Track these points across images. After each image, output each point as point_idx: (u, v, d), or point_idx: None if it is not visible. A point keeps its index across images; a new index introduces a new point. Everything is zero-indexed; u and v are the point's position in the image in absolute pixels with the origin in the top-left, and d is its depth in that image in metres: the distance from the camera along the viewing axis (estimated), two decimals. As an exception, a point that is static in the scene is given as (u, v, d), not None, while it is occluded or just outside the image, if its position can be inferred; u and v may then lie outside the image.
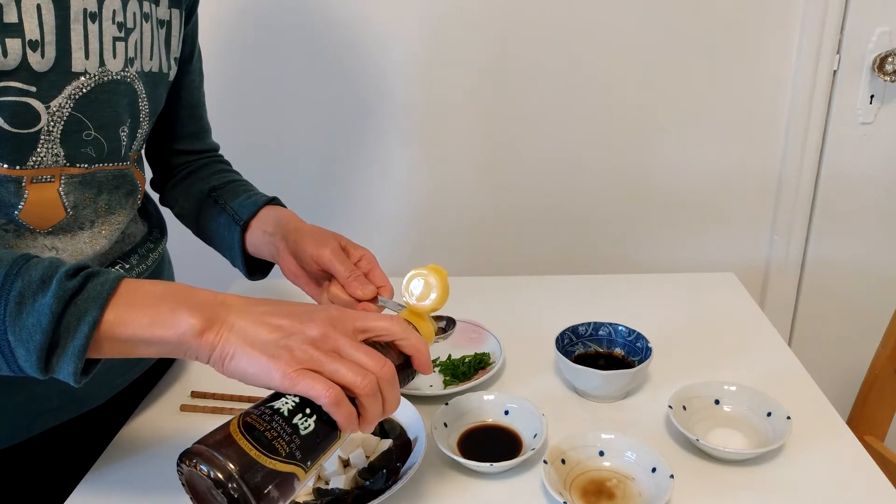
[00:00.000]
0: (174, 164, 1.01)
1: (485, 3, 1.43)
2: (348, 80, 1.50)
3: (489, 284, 1.26)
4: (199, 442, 0.54)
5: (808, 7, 1.42)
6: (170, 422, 0.92)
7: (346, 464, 0.78)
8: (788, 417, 0.81)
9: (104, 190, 0.80)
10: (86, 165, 0.75)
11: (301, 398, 0.55)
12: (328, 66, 1.49)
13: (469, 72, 1.49)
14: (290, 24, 1.45)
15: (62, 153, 0.72)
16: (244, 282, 1.03)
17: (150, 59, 0.80)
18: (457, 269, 1.71)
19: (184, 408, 0.94)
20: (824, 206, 1.59)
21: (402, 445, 0.81)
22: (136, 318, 0.56)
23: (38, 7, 0.65)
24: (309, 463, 0.55)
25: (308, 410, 0.55)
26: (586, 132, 1.54)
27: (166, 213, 1.02)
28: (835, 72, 1.48)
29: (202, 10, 0.96)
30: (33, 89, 0.66)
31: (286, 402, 0.55)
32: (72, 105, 0.70)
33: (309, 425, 0.55)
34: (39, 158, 0.70)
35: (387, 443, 0.81)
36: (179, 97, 0.95)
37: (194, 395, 0.96)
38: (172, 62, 0.86)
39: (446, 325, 0.78)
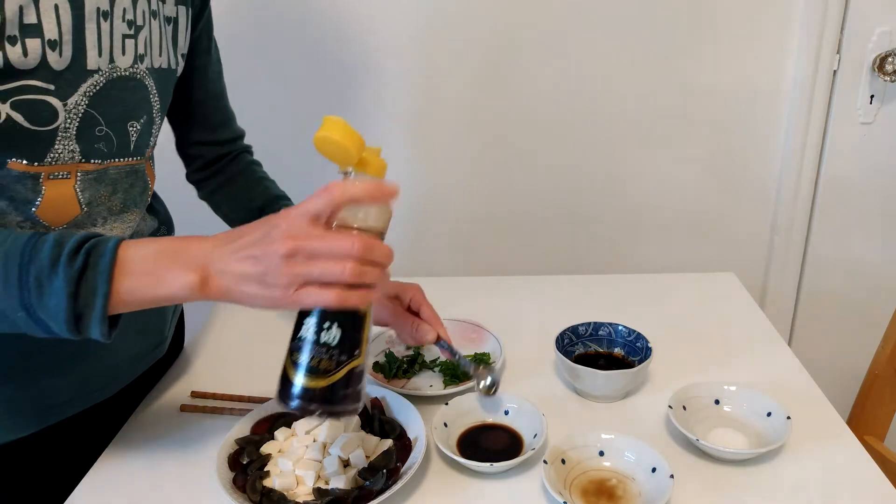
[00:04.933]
0: (207, 155, 1.03)
1: (481, 4, 1.43)
2: (343, 79, 1.50)
3: (489, 284, 1.26)
4: (278, 396, 0.65)
5: (808, 7, 1.42)
6: (170, 422, 0.92)
7: (346, 464, 0.78)
8: (788, 417, 0.81)
9: (119, 188, 0.82)
10: (98, 161, 0.77)
11: (316, 313, 0.62)
12: (323, 65, 1.48)
13: (466, 72, 1.49)
14: (285, 23, 1.45)
15: (77, 149, 0.74)
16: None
17: (160, 55, 0.82)
18: (456, 270, 1.71)
19: (184, 408, 0.94)
20: (824, 206, 1.59)
21: (402, 445, 0.81)
22: (139, 286, 0.62)
23: (56, 7, 0.66)
24: (357, 352, 0.63)
25: (327, 323, 0.62)
26: (585, 131, 1.54)
27: (172, 208, 1.02)
28: (835, 72, 1.48)
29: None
30: (52, 87, 0.68)
31: (308, 328, 0.63)
32: (87, 102, 0.72)
33: (335, 334, 0.62)
34: (56, 155, 0.72)
35: (387, 443, 0.81)
36: (206, 89, 0.97)
37: (194, 395, 0.96)
38: (180, 58, 0.88)
39: (491, 384, 0.84)
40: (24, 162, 0.70)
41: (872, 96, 1.49)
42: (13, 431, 0.80)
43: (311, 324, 0.63)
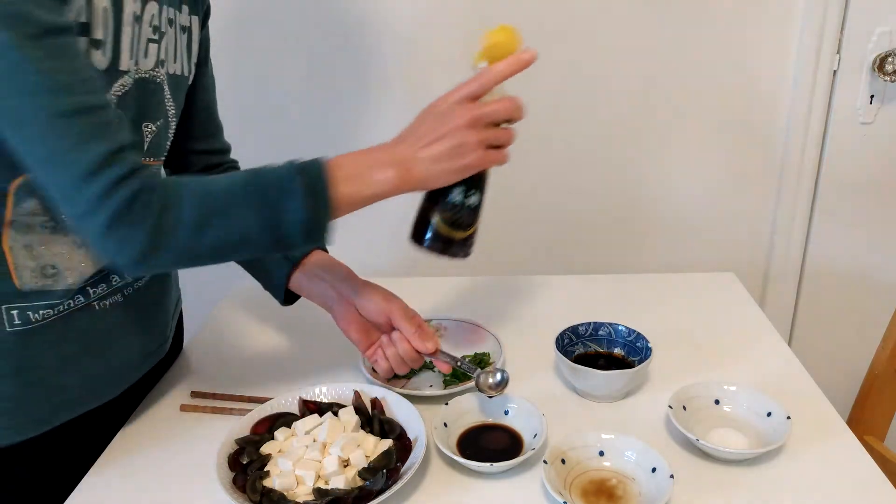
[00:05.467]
0: (193, 164, 1.03)
1: (483, 4, 1.43)
2: (343, 78, 1.50)
3: (489, 284, 1.26)
4: (414, 238, 0.82)
5: (808, 7, 1.42)
6: (170, 422, 0.92)
7: (346, 464, 0.78)
8: (788, 417, 0.81)
9: None
10: None
11: (465, 182, 0.78)
12: (324, 65, 1.48)
13: (467, 70, 1.48)
14: (286, 23, 1.45)
15: None
16: (243, 282, 1.03)
17: (174, 62, 0.84)
18: (456, 269, 1.70)
19: (184, 408, 0.94)
20: (824, 206, 1.59)
21: (402, 445, 0.81)
22: (353, 189, 0.72)
23: (105, 10, 0.69)
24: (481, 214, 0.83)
25: (472, 190, 0.80)
26: (586, 132, 1.54)
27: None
28: (835, 72, 1.48)
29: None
30: None
31: (457, 194, 0.78)
32: (115, 101, 0.74)
33: (476, 199, 0.81)
34: None
35: (387, 443, 0.81)
36: (196, 98, 0.98)
37: (194, 395, 0.96)
38: (192, 66, 0.90)
39: (500, 380, 0.84)
40: None
41: (872, 96, 1.49)
42: (22, 432, 0.81)
43: (459, 190, 0.78)
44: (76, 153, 0.63)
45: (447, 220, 0.79)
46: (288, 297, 0.98)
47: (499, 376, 0.85)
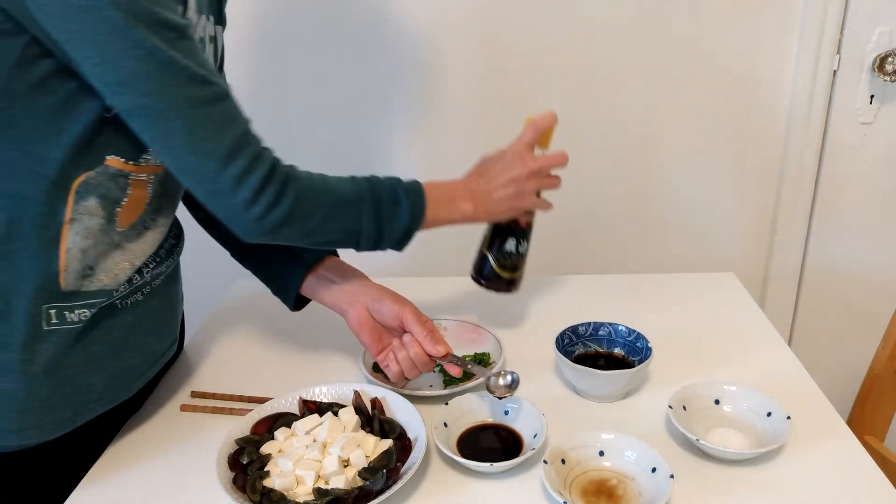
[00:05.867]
0: None
1: (489, 6, 1.43)
2: (346, 78, 1.50)
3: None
4: (475, 273, 1.02)
5: (808, 7, 1.42)
6: (170, 422, 0.92)
7: (346, 464, 0.78)
8: (788, 417, 0.81)
9: (170, 191, 0.86)
10: (158, 162, 0.81)
11: (517, 234, 0.99)
12: (330, 65, 1.48)
13: (472, 73, 1.49)
14: (294, 24, 1.45)
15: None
16: (243, 282, 1.03)
17: None
18: (457, 270, 1.70)
19: (184, 408, 0.94)
20: (824, 206, 1.59)
21: (402, 445, 0.81)
22: (439, 213, 0.88)
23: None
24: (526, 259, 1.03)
25: (522, 240, 1.00)
26: (586, 132, 1.54)
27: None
28: (835, 72, 1.48)
29: None
30: None
31: (511, 243, 0.99)
32: None
33: (525, 247, 1.01)
34: (147, 157, 0.77)
35: (387, 443, 0.81)
36: None
37: (194, 395, 0.96)
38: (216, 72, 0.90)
39: (511, 381, 0.85)
40: (122, 160, 0.75)
41: (872, 96, 1.49)
42: (48, 432, 0.81)
43: (513, 241, 0.99)
44: (217, 138, 0.71)
45: (501, 264, 0.99)
46: (298, 302, 0.98)
47: (509, 378, 0.85)
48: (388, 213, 0.83)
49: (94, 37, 0.63)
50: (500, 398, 0.85)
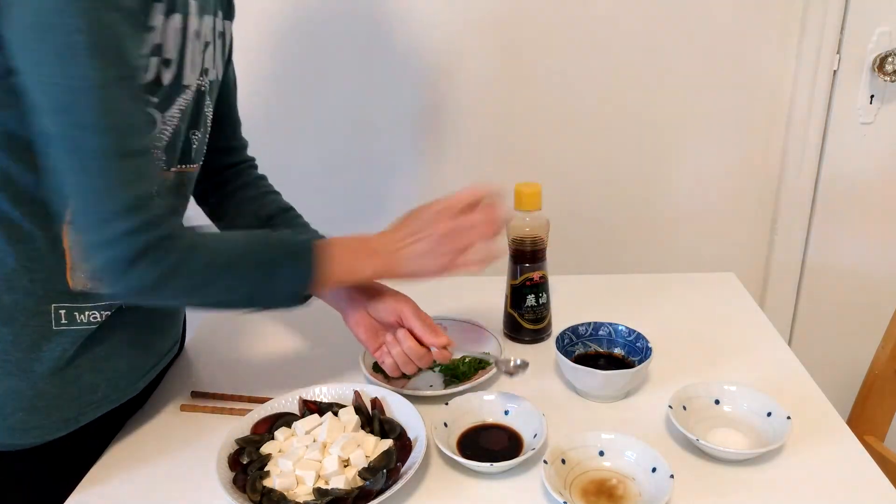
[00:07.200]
0: (212, 163, 1.02)
1: (494, 9, 1.43)
2: (349, 81, 1.50)
3: (489, 284, 1.25)
4: (509, 333, 1.08)
5: (808, 7, 1.42)
6: (170, 422, 0.92)
7: (346, 464, 0.78)
8: (788, 417, 0.81)
9: (184, 194, 0.87)
10: (175, 168, 0.82)
11: (533, 292, 1.03)
12: (336, 66, 1.48)
13: (478, 74, 1.49)
14: (300, 26, 1.45)
15: (164, 158, 0.79)
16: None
17: (213, 67, 0.86)
18: (456, 270, 1.70)
19: (184, 408, 0.94)
20: (824, 206, 1.59)
21: (402, 445, 0.81)
22: (341, 275, 0.82)
23: (176, 30, 0.74)
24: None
25: (542, 293, 1.04)
26: (587, 133, 1.54)
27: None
28: (835, 72, 1.48)
29: None
30: (157, 100, 0.74)
31: (532, 298, 1.04)
32: (179, 115, 0.78)
33: (545, 299, 1.05)
34: None
35: (387, 443, 0.81)
36: (226, 96, 0.99)
37: (194, 395, 0.96)
38: (222, 69, 0.92)
39: (521, 363, 0.90)
40: None
41: (872, 96, 1.49)
42: (50, 432, 0.81)
43: (532, 296, 1.03)
44: (118, 191, 0.67)
45: (529, 319, 1.05)
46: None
47: (518, 360, 0.89)
48: (275, 277, 0.78)
49: (44, 54, 0.62)
50: (511, 375, 0.90)
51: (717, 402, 0.87)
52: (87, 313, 0.79)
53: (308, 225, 1.02)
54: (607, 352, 0.98)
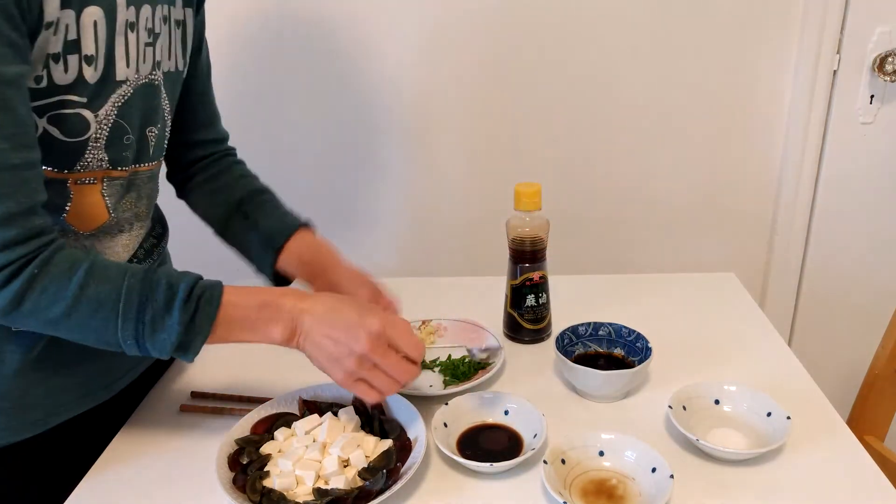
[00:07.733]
0: (189, 156, 1.02)
1: (494, 8, 1.43)
2: (345, 80, 1.50)
3: (489, 284, 1.25)
4: (519, 338, 1.06)
5: (808, 7, 1.42)
6: (170, 422, 0.91)
7: (346, 464, 0.78)
8: (788, 417, 0.81)
9: (143, 194, 0.85)
10: (124, 168, 0.80)
11: (532, 292, 1.03)
12: (325, 66, 1.48)
13: (468, 72, 1.49)
14: (288, 24, 1.45)
15: (106, 157, 0.76)
16: (242, 282, 1.03)
17: (169, 59, 0.84)
18: (456, 269, 1.70)
19: (184, 408, 0.94)
20: (824, 206, 1.59)
21: (402, 445, 0.81)
22: (236, 331, 0.74)
23: (95, 23, 0.69)
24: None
25: (540, 292, 1.03)
26: (585, 132, 1.54)
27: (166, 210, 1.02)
28: (835, 72, 1.48)
29: (214, 9, 0.97)
30: (85, 100, 0.71)
31: (531, 300, 1.03)
32: (116, 112, 0.75)
33: (545, 299, 1.05)
34: (85, 163, 0.75)
35: (387, 443, 0.81)
36: (190, 86, 0.97)
37: (194, 395, 0.96)
38: (187, 59, 0.90)
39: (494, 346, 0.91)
40: (54, 170, 0.73)
41: (872, 96, 1.49)
42: (18, 432, 0.81)
43: (532, 296, 1.03)
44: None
45: (529, 319, 1.04)
46: (281, 281, 0.97)
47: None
48: (153, 323, 0.70)
49: None
50: (480, 361, 0.93)
51: (716, 402, 0.87)
52: None
53: (283, 207, 1.00)
54: (607, 352, 0.98)
